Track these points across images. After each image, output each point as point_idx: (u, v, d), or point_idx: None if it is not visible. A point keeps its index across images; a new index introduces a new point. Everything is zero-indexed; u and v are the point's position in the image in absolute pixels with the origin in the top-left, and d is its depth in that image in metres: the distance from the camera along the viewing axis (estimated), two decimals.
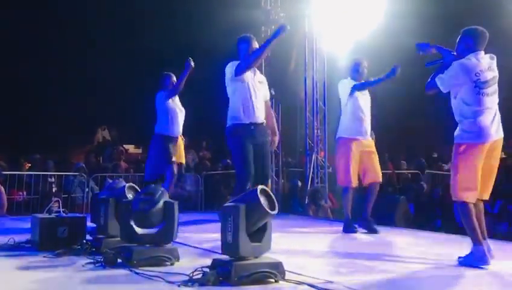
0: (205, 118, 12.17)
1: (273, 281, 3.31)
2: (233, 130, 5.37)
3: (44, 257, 4.12)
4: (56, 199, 5.03)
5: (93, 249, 4.20)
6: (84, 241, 4.34)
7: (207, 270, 3.30)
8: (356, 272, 3.91)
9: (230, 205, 3.30)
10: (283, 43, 9.53)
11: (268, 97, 5.83)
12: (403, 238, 5.92)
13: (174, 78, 6.99)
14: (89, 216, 4.80)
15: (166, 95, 6.90)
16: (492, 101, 4.12)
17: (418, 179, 11.40)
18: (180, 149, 7.38)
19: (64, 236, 4.45)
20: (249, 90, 5.43)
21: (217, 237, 3.54)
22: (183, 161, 7.72)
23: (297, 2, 9.49)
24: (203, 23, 13.71)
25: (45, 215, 4.63)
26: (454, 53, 4.26)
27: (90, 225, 4.65)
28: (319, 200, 9.05)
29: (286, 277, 3.35)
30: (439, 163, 13.06)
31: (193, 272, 3.31)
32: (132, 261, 3.71)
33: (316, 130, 9.63)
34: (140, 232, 3.86)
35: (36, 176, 9.37)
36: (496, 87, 4.15)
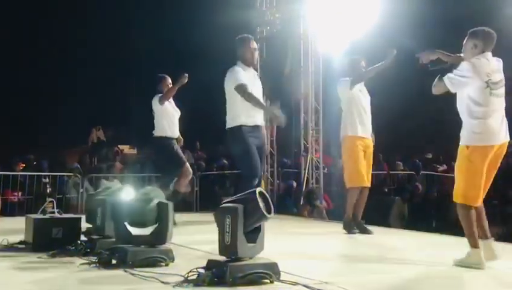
0: (198, 119, 12.16)
1: (268, 281, 3.30)
2: (239, 130, 5.31)
3: (39, 257, 4.10)
4: (50, 199, 5.00)
5: (88, 250, 4.19)
6: (79, 242, 4.33)
7: (202, 271, 3.29)
8: (351, 273, 3.91)
9: (229, 205, 3.29)
10: (278, 44, 9.56)
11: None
12: (397, 239, 5.93)
13: (169, 81, 6.95)
14: (84, 217, 4.78)
15: (159, 99, 6.87)
16: (500, 103, 4.07)
17: (413, 180, 11.43)
18: None
19: (59, 237, 4.44)
20: (254, 90, 5.39)
21: (212, 237, 3.53)
22: None
23: (292, 3, 9.49)
24: (198, 24, 13.71)
25: (39, 216, 4.61)
26: (461, 54, 4.20)
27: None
28: (314, 201, 9.05)
29: (281, 278, 3.34)
30: (434, 164, 13.11)
31: (188, 272, 3.30)
32: (127, 262, 3.70)
33: (311, 131, 9.64)
34: (134, 232, 3.84)
35: (30, 176, 9.34)
36: (503, 90, 4.09)
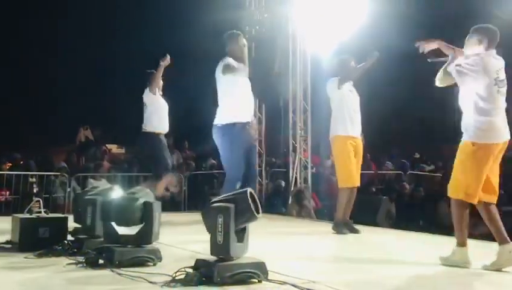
0: (187, 118, 12.13)
1: (256, 281, 3.31)
2: (229, 128, 5.28)
3: (25, 257, 4.07)
4: (37, 199, 4.95)
5: (75, 250, 4.16)
6: (66, 242, 4.30)
7: (190, 270, 3.28)
8: (339, 272, 3.92)
9: (221, 205, 3.28)
10: (267, 43, 9.56)
11: None
12: (385, 238, 5.96)
13: None
14: (71, 217, 4.75)
15: (149, 89, 6.82)
16: (504, 101, 4.07)
17: (400, 180, 11.49)
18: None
19: (46, 237, 4.39)
20: (243, 88, 5.39)
21: (200, 237, 3.53)
22: None
23: (281, 3, 9.49)
24: (187, 23, 13.66)
25: (26, 215, 4.57)
26: (462, 50, 4.16)
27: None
28: (303, 201, 9.07)
29: (269, 277, 3.35)
30: (422, 164, 13.20)
31: (176, 272, 3.29)
32: (114, 262, 3.68)
33: (299, 131, 9.65)
34: (121, 232, 3.83)
35: (17, 175, 9.27)
36: (506, 89, 4.08)
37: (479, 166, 3.97)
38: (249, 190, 3.34)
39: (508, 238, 3.99)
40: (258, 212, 3.29)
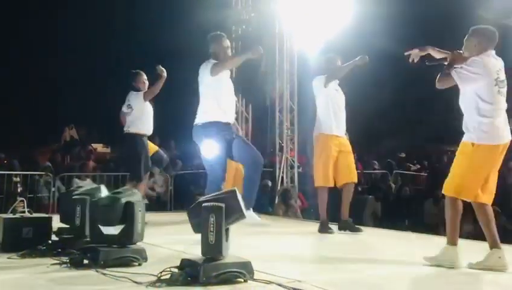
0: (173, 118, 12.09)
1: (242, 281, 3.30)
2: (209, 127, 5.25)
3: (8, 258, 4.01)
4: (21, 198, 4.90)
5: (59, 250, 4.11)
6: (50, 242, 4.25)
7: (175, 270, 3.27)
8: (325, 271, 3.92)
9: (213, 204, 3.26)
10: (253, 42, 9.56)
11: None
12: (371, 237, 5.97)
13: (144, 77, 6.90)
14: (55, 217, 4.71)
15: (143, 96, 6.76)
16: (504, 101, 4.03)
17: (386, 179, 11.55)
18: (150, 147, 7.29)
19: (29, 237, 4.34)
20: (227, 89, 5.38)
21: (186, 237, 3.51)
22: None
23: (268, 2, 9.50)
24: (173, 23, 13.62)
25: (9, 215, 4.52)
26: (460, 51, 4.13)
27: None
28: (289, 200, 9.08)
29: (255, 277, 3.34)
30: (407, 163, 13.28)
31: (161, 272, 3.27)
32: (99, 262, 3.65)
33: (286, 130, 9.67)
34: (106, 232, 3.80)
35: (1, 175, 9.16)
36: (506, 89, 4.04)
37: (477, 166, 3.93)
38: (236, 189, 3.34)
39: (499, 243, 3.97)
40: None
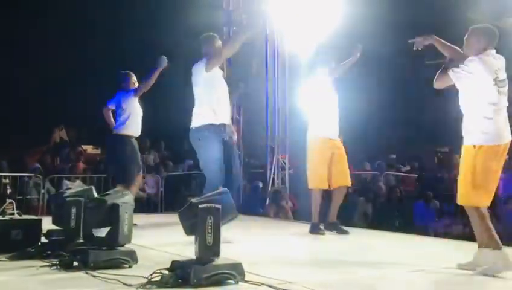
0: (163, 119, 12.06)
1: (233, 282, 3.29)
2: (205, 130, 5.23)
3: None
4: (10, 200, 4.86)
5: (49, 252, 4.08)
6: (39, 244, 4.22)
7: (166, 272, 3.26)
8: (315, 273, 3.92)
9: (210, 206, 3.25)
10: (245, 44, 9.56)
11: None
12: (362, 238, 5.98)
13: (134, 78, 6.85)
14: (45, 219, 4.67)
15: (134, 92, 6.70)
16: (505, 101, 3.97)
17: (376, 180, 11.58)
18: None
19: (18, 239, 4.32)
20: (221, 90, 5.36)
21: (177, 239, 3.50)
22: None
23: (259, 4, 9.50)
24: (164, 23, 13.58)
25: None
26: (461, 50, 4.08)
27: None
28: (280, 201, 9.08)
29: (246, 278, 3.33)
30: (398, 164, 13.32)
31: (151, 274, 3.26)
32: (89, 264, 3.63)
33: (277, 132, 9.67)
34: (96, 234, 3.78)
35: None
36: (507, 89, 3.97)
37: (481, 169, 3.85)
38: (227, 190, 3.35)
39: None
40: None
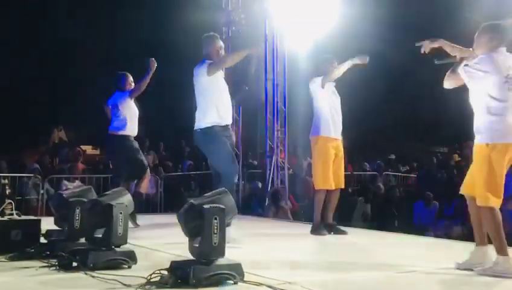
0: (163, 120, 12.07)
1: (232, 282, 3.29)
2: (212, 130, 5.24)
3: None
4: (9, 201, 4.86)
5: (48, 253, 4.08)
6: (39, 245, 4.22)
7: (165, 272, 3.25)
8: (315, 273, 3.92)
9: (216, 206, 3.25)
10: (243, 44, 9.57)
11: None
12: (361, 238, 5.98)
13: (131, 78, 6.84)
14: (44, 219, 4.67)
15: (129, 94, 6.70)
16: None
17: (375, 180, 11.60)
18: None
19: (18, 239, 4.31)
20: (224, 91, 5.37)
21: (176, 239, 3.50)
22: None
23: (258, 3, 9.51)
24: (164, 24, 13.59)
25: None
26: (471, 49, 4.05)
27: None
28: (279, 202, 9.09)
29: (245, 279, 3.33)
30: (397, 164, 13.34)
31: (151, 274, 3.25)
32: (88, 265, 3.63)
33: (276, 132, 9.67)
34: (96, 235, 3.78)
35: None
36: None
37: (496, 167, 3.80)
38: (226, 189, 3.38)
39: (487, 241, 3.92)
40: None
